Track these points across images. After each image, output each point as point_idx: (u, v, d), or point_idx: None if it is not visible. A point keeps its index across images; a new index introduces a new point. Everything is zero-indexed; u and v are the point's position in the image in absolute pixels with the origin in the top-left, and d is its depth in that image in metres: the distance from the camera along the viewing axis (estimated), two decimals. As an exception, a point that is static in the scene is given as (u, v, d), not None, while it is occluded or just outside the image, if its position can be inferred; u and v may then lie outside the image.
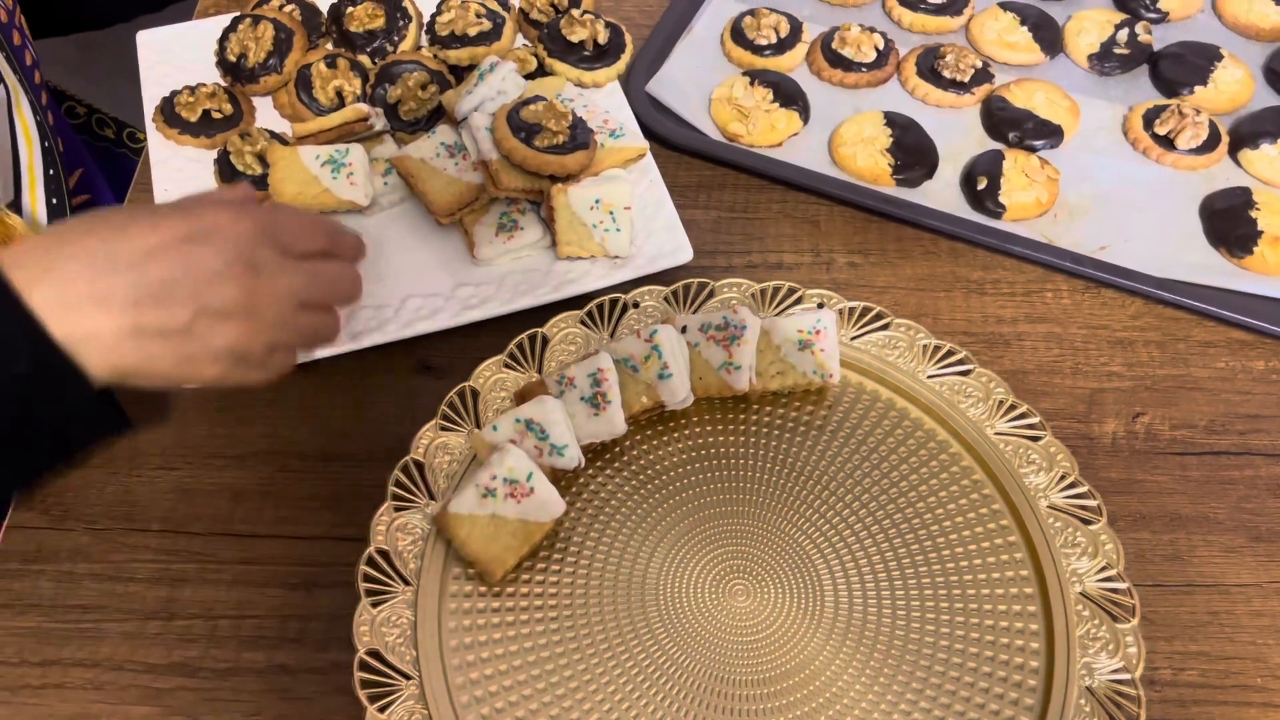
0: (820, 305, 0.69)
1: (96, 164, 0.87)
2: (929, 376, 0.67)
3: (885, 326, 0.69)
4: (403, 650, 0.57)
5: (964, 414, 0.66)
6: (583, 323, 0.69)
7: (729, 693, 0.57)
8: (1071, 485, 0.62)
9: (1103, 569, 0.59)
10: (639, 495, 0.64)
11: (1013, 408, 0.65)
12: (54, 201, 0.72)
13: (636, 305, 0.70)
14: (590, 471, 0.64)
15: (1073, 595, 0.59)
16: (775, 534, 0.62)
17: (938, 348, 0.67)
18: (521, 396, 0.65)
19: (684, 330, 0.66)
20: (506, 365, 0.67)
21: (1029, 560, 0.61)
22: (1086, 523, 0.61)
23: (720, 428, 0.66)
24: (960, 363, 0.67)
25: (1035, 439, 0.64)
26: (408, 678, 0.56)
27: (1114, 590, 0.59)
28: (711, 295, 0.70)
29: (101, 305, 0.49)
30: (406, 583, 0.59)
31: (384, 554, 0.60)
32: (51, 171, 0.72)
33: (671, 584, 0.60)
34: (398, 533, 0.61)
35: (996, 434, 0.65)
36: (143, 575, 0.61)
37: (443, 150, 0.73)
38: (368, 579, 0.59)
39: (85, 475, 0.65)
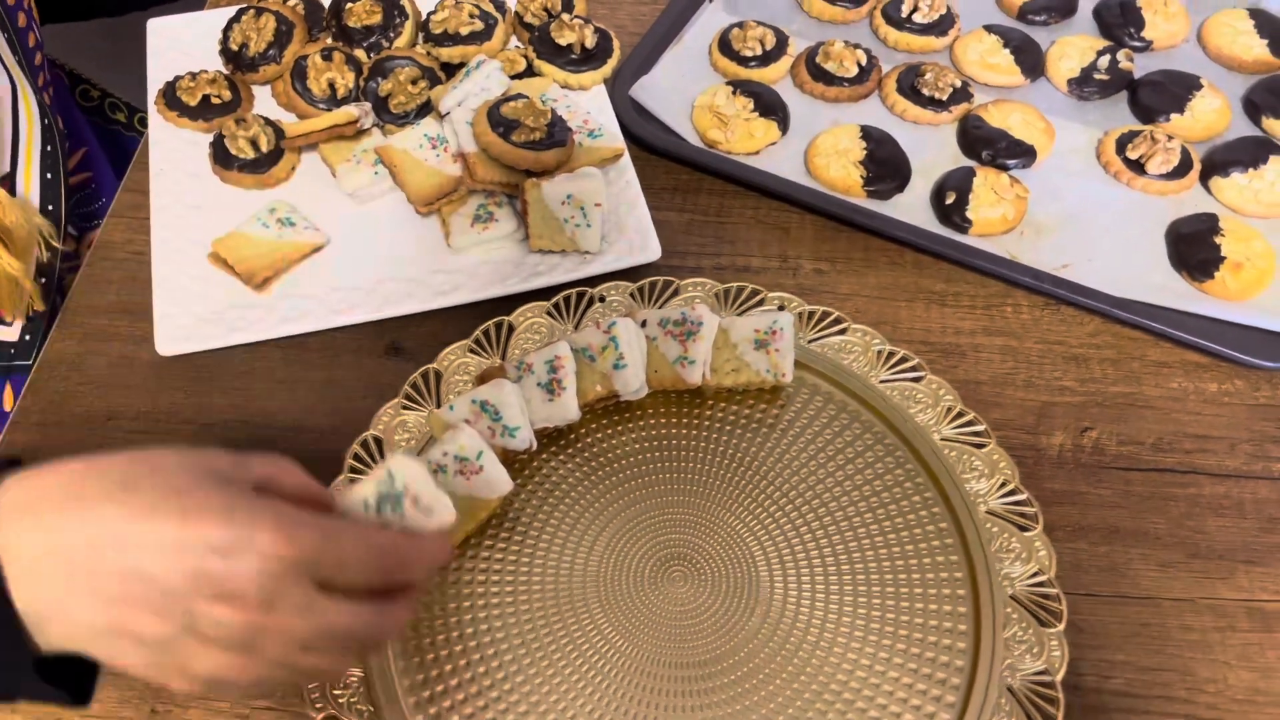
0: (781, 308, 0.71)
1: (103, 145, 0.91)
2: (881, 381, 0.68)
3: (842, 331, 0.70)
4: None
5: (912, 419, 0.67)
6: (549, 314, 0.71)
7: (664, 674, 0.59)
8: (1011, 493, 0.63)
9: (1035, 574, 0.61)
10: (589, 481, 0.65)
11: (960, 415, 0.66)
12: (48, 176, 0.75)
13: (602, 299, 0.72)
14: (544, 455, 0.66)
15: (1003, 598, 0.60)
16: (717, 525, 0.64)
17: (892, 353, 0.69)
18: (481, 380, 0.67)
19: (644, 324, 0.68)
20: (471, 350, 0.69)
21: (964, 562, 0.62)
22: (1023, 529, 0.62)
23: (673, 420, 0.68)
24: (913, 369, 0.68)
25: (980, 446, 0.65)
26: None
27: (1044, 595, 0.60)
28: (677, 293, 0.72)
29: (87, 589, 0.43)
30: None
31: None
32: (49, 148, 0.75)
33: (613, 567, 0.62)
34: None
35: (942, 439, 0.66)
36: (107, 531, 0.64)
37: (425, 142, 0.76)
38: None
39: (61, 434, 0.68)
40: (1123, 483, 0.66)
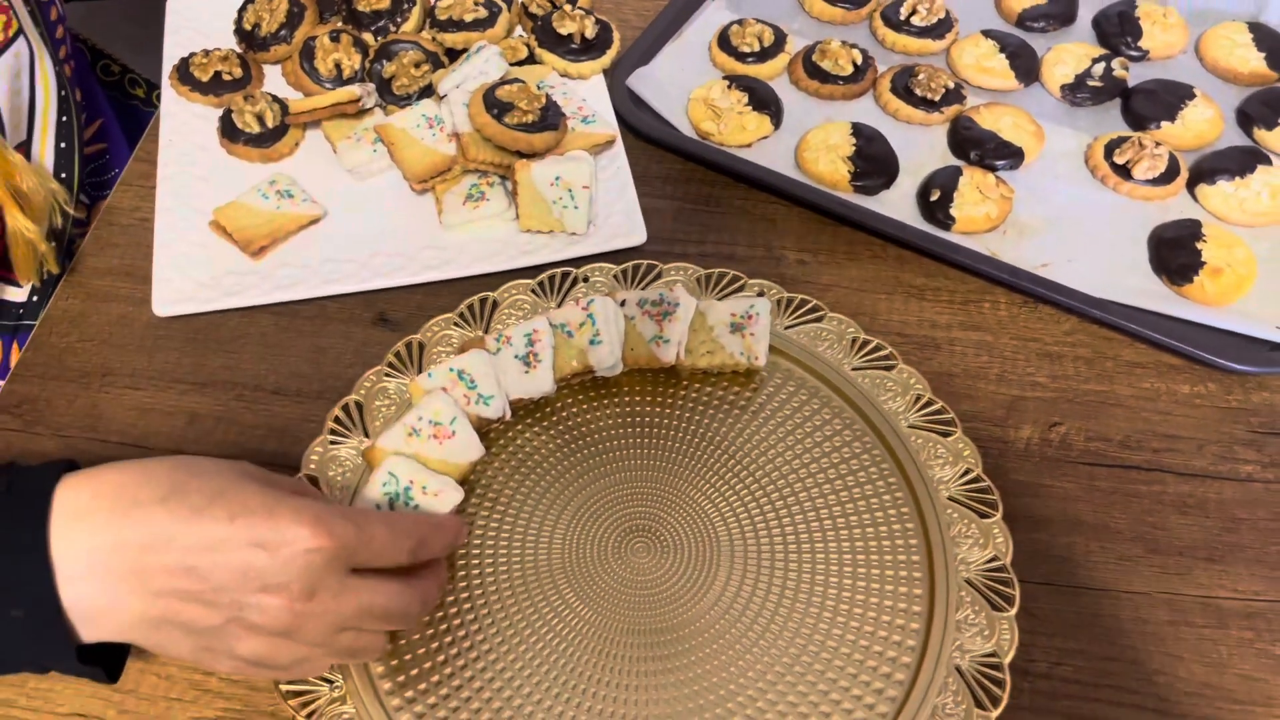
0: (760, 294, 0.72)
1: (120, 118, 0.94)
2: (853, 369, 0.70)
3: (819, 319, 0.72)
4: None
5: (880, 406, 0.68)
6: (533, 291, 0.73)
7: (625, 640, 0.60)
8: (974, 480, 0.64)
9: (991, 560, 0.61)
10: (561, 453, 0.67)
11: (929, 404, 0.68)
12: (63, 145, 0.78)
13: (586, 280, 0.74)
14: (519, 426, 0.68)
15: (958, 581, 0.61)
16: (683, 499, 0.65)
17: (865, 342, 0.70)
18: (463, 351, 0.69)
19: (623, 304, 0.70)
20: (455, 324, 0.71)
21: (922, 545, 0.63)
22: (983, 516, 0.63)
23: (647, 397, 0.69)
24: (885, 359, 0.70)
25: (946, 435, 0.66)
26: None
27: (998, 581, 0.61)
28: (659, 277, 0.74)
29: (138, 585, 0.46)
30: None
31: (313, 480, 0.64)
32: (65, 118, 0.78)
33: (579, 537, 0.64)
34: (329, 462, 0.65)
35: (910, 426, 0.67)
36: (95, 480, 0.66)
37: (423, 121, 0.78)
38: None
39: (60, 387, 0.70)
40: (1088, 477, 0.67)
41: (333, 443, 0.66)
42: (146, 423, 0.69)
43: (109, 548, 0.46)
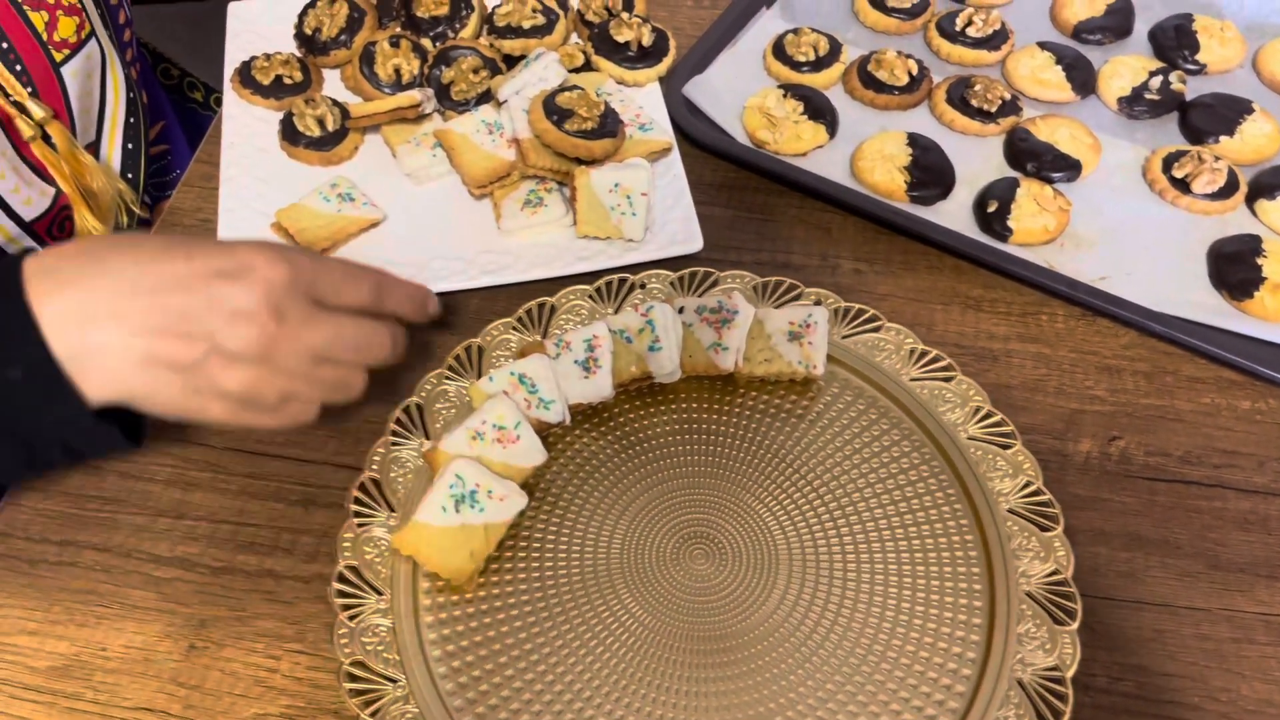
0: (817, 303, 0.73)
1: (179, 121, 0.95)
2: (912, 379, 0.70)
3: (877, 329, 0.72)
4: (379, 568, 0.62)
5: (940, 417, 0.68)
6: (590, 297, 0.73)
7: (681, 647, 0.60)
8: (1034, 493, 0.64)
9: (1052, 573, 0.61)
10: (619, 458, 0.67)
11: (988, 415, 0.67)
12: (129, 146, 0.79)
13: (643, 286, 0.74)
14: (576, 431, 0.69)
15: (1019, 594, 0.61)
16: (741, 507, 0.65)
17: (924, 353, 0.70)
18: (521, 355, 0.69)
19: (681, 311, 0.70)
20: (514, 328, 0.72)
21: (982, 558, 0.63)
22: (1043, 529, 0.63)
23: (704, 404, 0.70)
24: (944, 370, 0.70)
25: (1006, 447, 0.66)
26: (379, 593, 0.61)
27: (1060, 594, 0.60)
28: (716, 284, 0.74)
29: (116, 326, 0.49)
30: (391, 509, 0.64)
31: (375, 482, 0.65)
32: (132, 120, 0.80)
33: (638, 542, 0.64)
34: (391, 464, 0.66)
35: (969, 438, 0.67)
36: (160, 477, 0.67)
37: (482, 127, 0.79)
38: (358, 502, 0.64)
39: (124, 385, 0.71)
40: (1147, 492, 0.67)
41: (394, 444, 0.66)
42: (210, 421, 0.70)
43: (84, 299, 0.49)
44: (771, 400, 0.70)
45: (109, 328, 0.49)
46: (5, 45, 0.67)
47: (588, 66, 0.86)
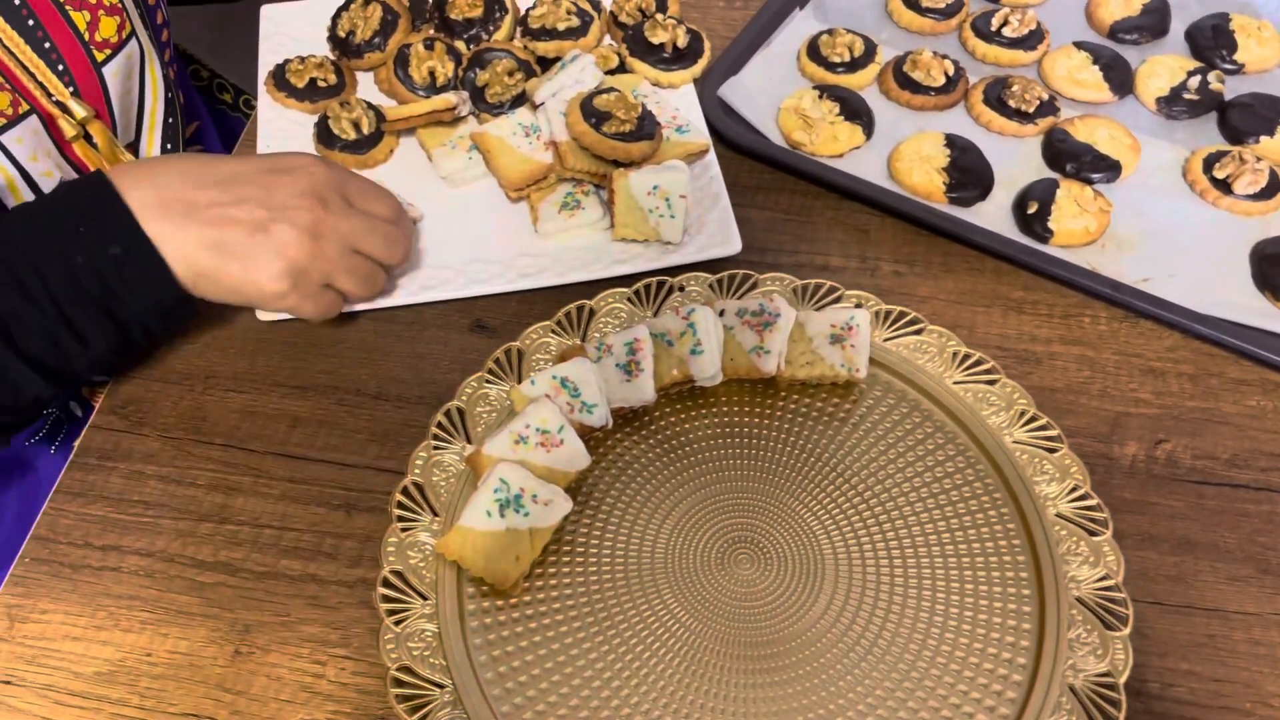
0: (858, 305, 0.72)
1: (213, 122, 0.95)
2: (955, 382, 0.69)
3: (919, 332, 0.71)
4: (423, 573, 0.62)
5: (985, 420, 0.67)
6: (629, 300, 0.73)
7: (727, 653, 0.60)
8: (1082, 498, 0.64)
9: (1102, 578, 0.61)
10: (662, 461, 0.67)
11: (1034, 419, 0.67)
12: (169, 147, 0.79)
13: (681, 289, 0.74)
14: (618, 435, 0.68)
15: (1068, 599, 0.60)
16: (785, 512, 0.65)
17: (967, 355, 0.70)
18: (562, 358, 0.69)
19: (721, 314, 0.70)
20: (553, 331, 0.72)
21: (1030, 563, 0.62)
22: (1092, 534, 0.62)
23: (746, 408, 0.69)
24: (988, 373, 0.69)
25: (1052, 451, 0.66)
26: (424, 598, 0.61)
27: (1110, 599, 0.60)
28: (755, 287, 0.74)
29: (187, 211, 0.60)
30: (435, 513, 0.64)
31: (418, 486, 0.65)
32: (170, 120, 0.80)
33: (682, 546, 0.64)
34: (434, 468, 0.65)
35: (1014, 442, 0.66)
36: (202, 482, 0.67)
37: (519, 130, 0.79)
38: (401, 506, 0.64)
39: (164, 389, 0.71)
40: (1195, 495, 0.66)
41: (436, 448, 0.66)
42: (250, 425, 0.70)
43: (162, 191, 0.60)
44: (813, 404, 0.69)
45: (187, 217, 0.60)
46: (48, 45, 0.67)
47: (622, 69, 0.86)
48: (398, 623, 0.60)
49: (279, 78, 0.85)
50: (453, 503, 0.64)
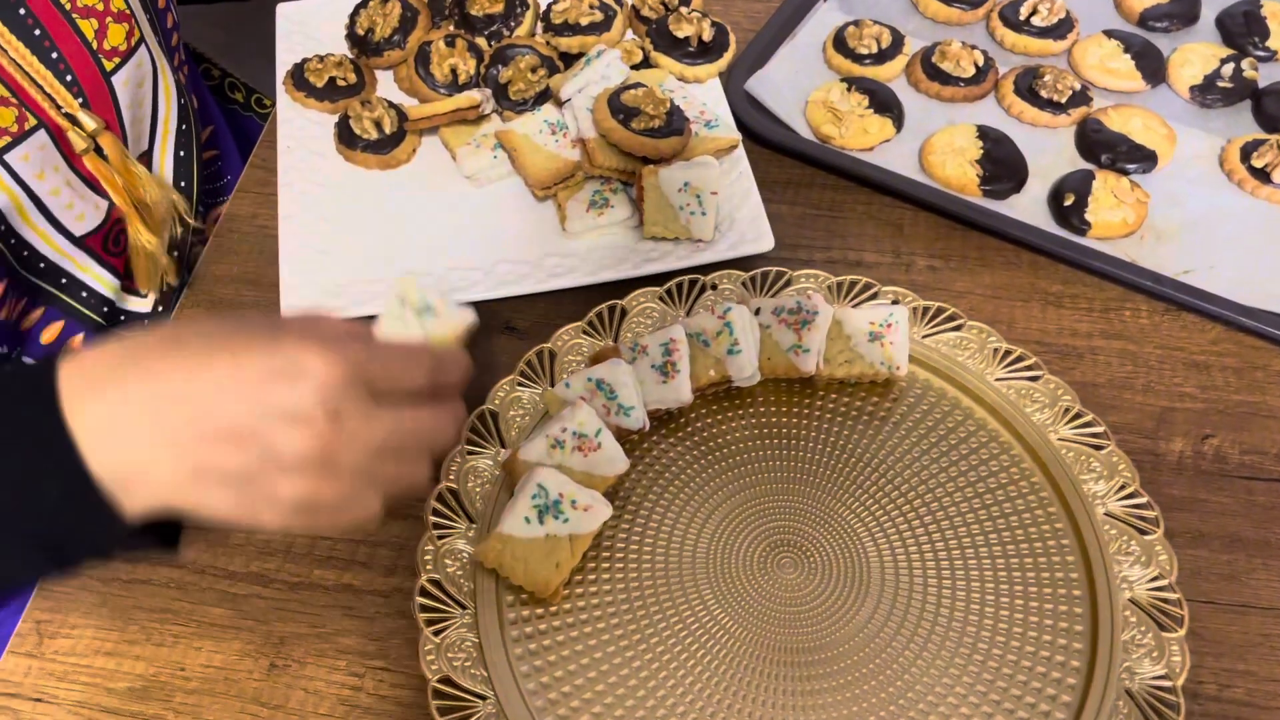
0: (895, 302, 0.71)
1: (226, 124, 0.94)
2: (997, 379, 0.68)
3: (958, 328, 0.70)
4: (461, 581, 0.60)
5: (1028, 418, 0.66)
6: (660, 299, 0.72)
7: (771, 658, 0.59)
8: (1131, 495, 0.62)
9: (1155, 578, 0.59)
10: (699, 464, 0.66)
11: (1078, 416, 0.65)
12: (181, 154, 0.78)
13: (714, 287, 0.72)
14: (654, 437, 0.67)
15: (1121, 600, 0.59)
16: (828, 514, 0.64)
17: (1008, 352, 0.68)
18: (595, 360, 0.68)
19: (757, 312, 0.68)
20: (584, 332, 0.70)
21: (1080, 563, 0.61)
22: (1143, 533, 0.61)
23: (784, 408, 0.68)
24: (1029, 369, 0.68)
25: (1098, 448, 0.64)
26: (463, 607, 0.59)
27: (1164, 600, 0.59)
28: (789, 284, 0.72)
29: (161, 439, 0.45)
30: (471, 520, 0.63)
31: (453, 493, 0.63)
32: (184, 127, 0.78)
33: (723, 550, 0.62)
34: (468, 474, 0.64)
35: (1060, 440, 0.65)
36: (231, 491, 0.66)
37: (545, 128, 0.77)
38: (435, 514, 0.62)
39: (189, 396, 0.70)
40: (1245, 492, 0.65)
41: (470, 453, 0.65)
42: (279, 432, 0.68)
43: (123, 411, 0.45)
44: (852, 402, 0.68)
45: (153, 440, 0.45)
46: (55, 55, 0.65)
47: (646, 64, 0.84)
48: (437, 633, 0.58)
49: (298, 77, 0.84)
50: (488, 509, 0.63)
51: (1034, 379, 0.67)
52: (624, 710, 0.57)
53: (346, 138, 0.80)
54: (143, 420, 0.45)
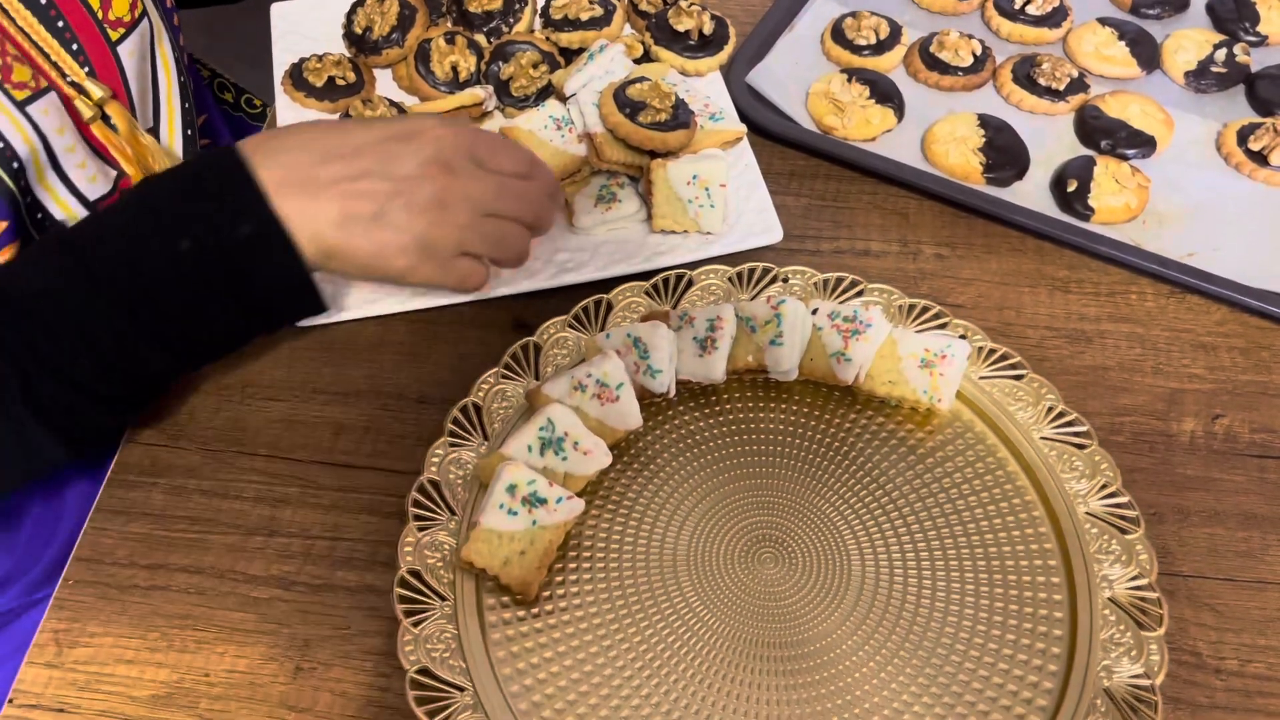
0: (963, 336, 0.68)
1: (219, 116, 0.93)
2: (980, 378, 0.67)
3: (943, 325, 0.69)
4: (441, 573, 0.60)
5: (1012, 416, 0.66)
6: (647, 294, 0.71)
7: (755, 653, 0.58)
8: (1112, 495, 0.62)
9: (1135, 578, 0.59)
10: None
11: (1061, 415, 0.65)
12: (189, 133, 0.77)
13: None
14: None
15: (1101, 599, 0.59)
16: (808, 509, 0.63)
17: (993, 351, 0.68)
18: (647, 318, 0.68)
19: (815, 312, 0.67)
20: (570, 326, 0.70)
21: (1061, 562, 0.61)
22: (1123, 532, 0.61)
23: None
24: (1013, 367, 0.67)
25: (1081, 447, 0.64)
26: (443, 599, 0.59)
27: (1143, 599, 0.58)
28: (775, 280, 0.72)
29: (314, 189, 0.58)
30: (452, 512, 0.62)
31: (434, 485, 0.63)
32: (187, 105, 0.77)
33: (703, 544, 0.62)
34: (450, 465, 0.63)
35: (1043, 439, 0.65)
36: (248, 494, 0.65)
37: (550, 123, 0.77)
38: (416, 505, 0.62)
39: (201, 401, 0.69)
40: (1258, 470, 0.66)
41: (452, 445, 0.64)
42: (293, 435, 0.68)
43: (290, 170, 0.59)
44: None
45: (311, 193, 0.58)
46: (61, 24, 0.64)
47: (647, 58, 0.84)
48: (416, 624, 0.58)
49: (296, 77, 0.83)
50: (470, 501, 0.63)
51: (1018, 378, 0.67)
52: (598, 699, 0.57)
53: (348, 137, 0.79)
54: (300, 176, 0.59)
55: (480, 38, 0.85)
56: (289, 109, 0.82)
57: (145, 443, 0.68)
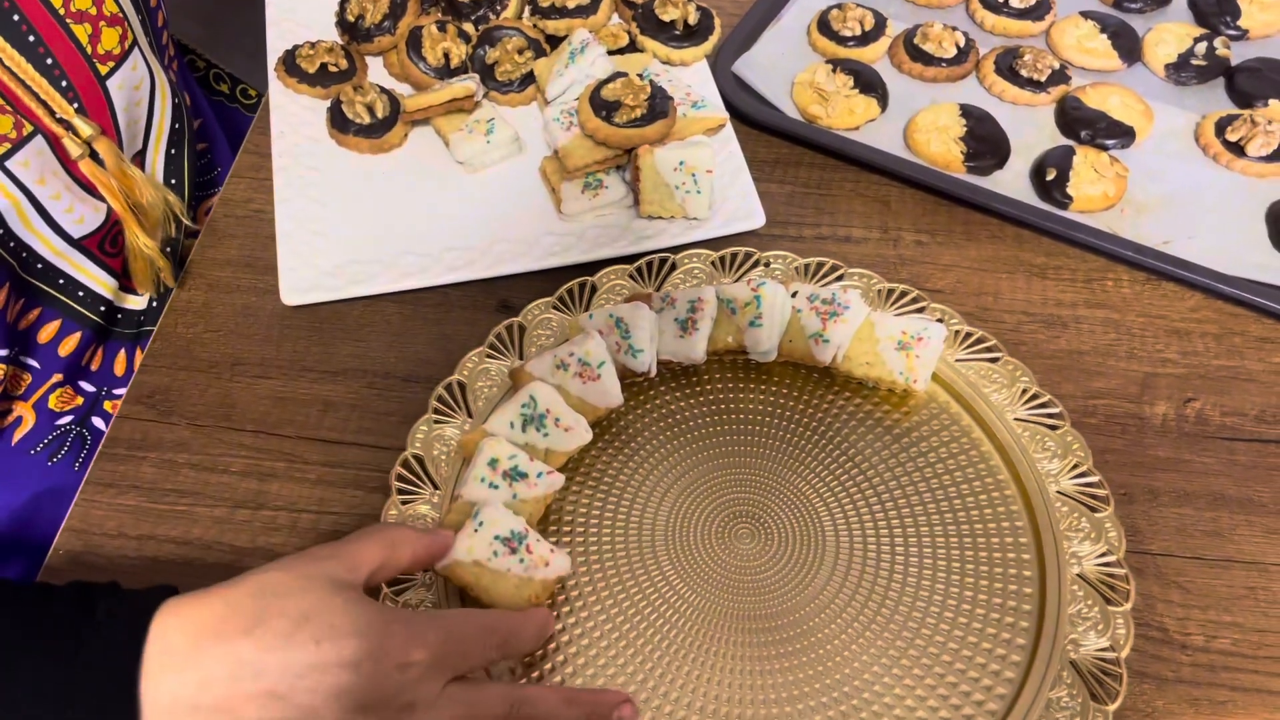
0: (940, 319, 0.70)
1: (214, 116, 0.94)
2: (957, 360, 0.69)
3: (921, 310, 0.70)
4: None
5: (987, 398, 0.67)
6: (630, 276, 0.73)
7: (732, 626, 0.60)
8: (1083, 474, 0.63)
9: (1103, 554, 0.60)
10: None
11: (1035, 396, 0.66)
12: (173, 152, 0.78)
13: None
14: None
15: (1070, 575, 0.60)
16: (785, 486, 0.65)
17: (969, 334, 0.69)
18: (630, 299, 0.70)
19: (795, 294, 0.69)
20: (554, 307, 0.71)
21: (1031, 539, 0.62)
22: (1093, 510, 0.62)
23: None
24: (990, 350, 0.68)
25: (1054, 428, 0.65)
26: (426, 570, 0.59)
27: (1111, 575, 0.60)
28: (756, 264, 0.73)
29: (224, 718, 0.45)
30: (435, 487, 0.63)
31: (418, 459, 0.64)
32: (177, 126, 0.78)
33: (681, 520, 0.64)
34: (434, 442, 0.65)
35: (1016, 420, 0.66)
36: (236, 469, 0.67)
37: (503, 549, 0.71)
38: (400, 479, 0.63)
39: (191, 378, 0.71)
40: (1227, 452, 0.67)
41: (436, 422, 0.66)
42: (281, 411, 0.69)
43: (196, 684, 0.45)
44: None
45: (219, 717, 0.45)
46: (50, 61, 0.65)
47: (632, 47, 0.86)
48: (398, 594, 0.59)
49: (289, 63, 0.84)
50: (453, 477, 0.64)
51: (993, 360, 0.68)
52: (575, 670, 0.58)
53: (339, 122, 0.81)
54: (211, 697, 0.45)
55: (468, 26, 0.86)
56: (282, 94, 0.84)
57: (135, 417, 0.69)
